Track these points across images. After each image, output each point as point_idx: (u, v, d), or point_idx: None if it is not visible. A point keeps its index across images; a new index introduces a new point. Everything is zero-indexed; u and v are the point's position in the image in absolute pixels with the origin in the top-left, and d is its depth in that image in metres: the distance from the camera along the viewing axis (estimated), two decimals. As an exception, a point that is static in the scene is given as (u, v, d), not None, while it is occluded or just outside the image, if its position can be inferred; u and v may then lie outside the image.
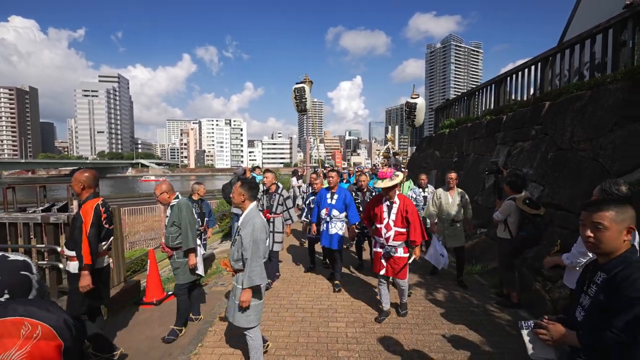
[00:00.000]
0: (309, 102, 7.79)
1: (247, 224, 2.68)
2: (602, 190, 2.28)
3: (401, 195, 3.71)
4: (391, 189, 3.57)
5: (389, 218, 3.63)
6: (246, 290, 2.63)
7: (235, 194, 2.79)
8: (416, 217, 3.60)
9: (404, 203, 3.63)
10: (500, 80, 8.09)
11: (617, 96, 4.23)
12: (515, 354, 3.15)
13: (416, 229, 3.57)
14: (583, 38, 5.40)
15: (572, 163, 4.72)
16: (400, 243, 3.64)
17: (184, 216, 3.48)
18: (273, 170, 5.15)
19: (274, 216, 5.03)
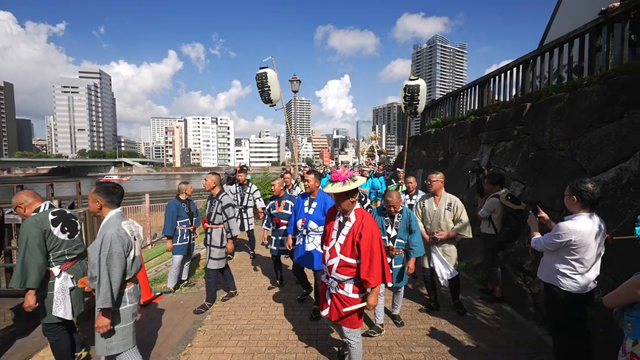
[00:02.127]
0: (275, 91, 6.33)
1: (98, 236, 2.34)
2: (571, 188, 2.40)
3: (361, 211, 2.54)
4: (343, 197, 2.44)
5: (337, 240, 2.53)
6: (100, 314, 2.25)
7: (90, 201, 2.46)
8: (374, 246, 2.40)
9: (362, 223, 2.44)
10: (484, 81, 8.31)
11: (593, 98, 4.42)
12: (497, 346, 3.28)
13: (372, 263, 2.37)
14: (561, 42, 5.61)
15: (551, 162, 4.91)
16: (348, 279, 2.49)
17: (22, 242, 2.66)
18: (218, 173, 4.47)
19: (212, 227, 4.28)
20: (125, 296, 2.45)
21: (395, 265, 3.57)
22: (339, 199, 2.45)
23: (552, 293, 2.51)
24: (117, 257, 2.29)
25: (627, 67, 4.12)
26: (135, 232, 2.57)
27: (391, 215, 3.57)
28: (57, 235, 2.82)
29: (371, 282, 2.37)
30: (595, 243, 2.34)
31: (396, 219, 3.57)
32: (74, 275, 2.91)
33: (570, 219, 2.40)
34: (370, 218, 2.52)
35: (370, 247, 2.39)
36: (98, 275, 2.25)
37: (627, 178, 3.59)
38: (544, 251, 2.59)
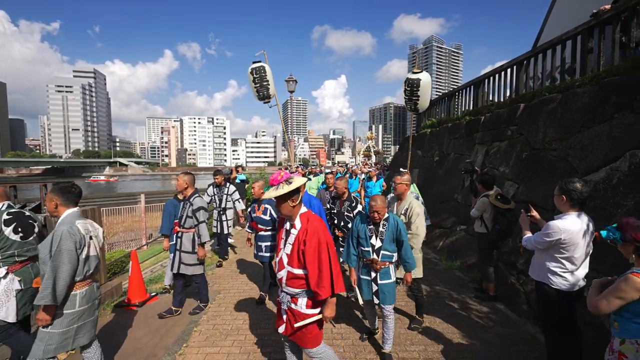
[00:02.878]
0: (272, 87, 6.06)
1: (50, 233, 2.33)
2: (560, 188, 2.45)
3: (307, 215, 2.24)
4: (281, 201, 2.18)
5: (284, 250, 2.28)
6: (40, 309, 2.24)
7: (46, 200, 2.47)
8: (321, 254, 2.12)
9: (306, 229, 2.17)
10: (479, 82, 8.38)
11: (585, 99, 4.49)
12: (491, 344, 3.33)
13: (321, 273, 2.11)
14: (554, 44, 5.68)
15: (544, 162, 4.98)
16: (300, 292, 2.22)
17: None
18: (191, 172, 4.21)
19: (182, 231, 4.00)
20: (76, 298, 2.36)
21: (381, 280, 3.05)
22: (277, 204, 2.23)
23: (543, 291, 2.56)
24: (66, 254, 2.24)
25: (618, 69, 4.19)
26: (93, 232, 2.52)
27: (375, 222, 3.07)
28: (8, 236, 2.75)
29: (321, 294, 2.09)
30: (584, 241, 2.38)
31: (381, 227, 3.06)
32: (22, 278, 2.77)
33: (559, 218, 2.44)
34: (318, 222, 2.21)
35: (316, 255, 2.11)
36: (46, 272, 2.22)
37: (617, 178, 3.65)
38: (535, 250, 2.63)
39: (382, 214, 3.02)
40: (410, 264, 3.12)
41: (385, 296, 3.07)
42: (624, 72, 4.02)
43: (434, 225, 7.29)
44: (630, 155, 3.57)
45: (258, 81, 5.95)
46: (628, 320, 1.75)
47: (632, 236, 1.76)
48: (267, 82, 5.98)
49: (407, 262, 3.11)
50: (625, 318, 1.76)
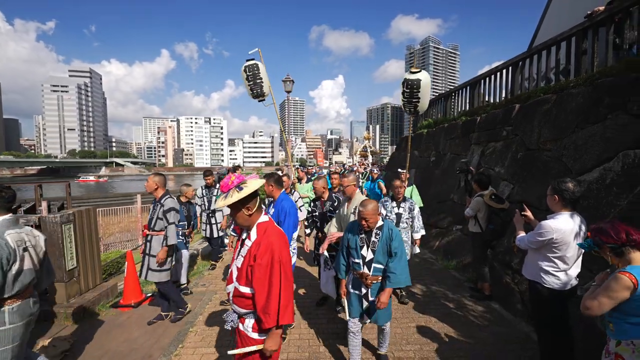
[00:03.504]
0: (266, 84, 5.83)
1: None
2: (552, 188, 2.48)
3: (265, 225, 1.92)
4: (234, 209, 1.88)
5: (235, 262, 1.98)
6: None
7: None
8: (273, 274, 1.78)
9: (259, 243, 1.84)
10: (475, 82, 8.43)
11: (579, 100, 4.53)
12: (486, 343, 3.35)
13: (269, 296, 1.76)
14: (549, 45, 5.73)
15: (539, 162, 5.02)
16: (247, 312, 1.89)
17: None
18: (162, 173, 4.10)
19: (152, 234, 3.83)
20: (4, 315, 2.10)
21: (373, 297, 2.74)
22: (231, 213, 1.92)
23: (535, 290, 2.58)
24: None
25: (612, 70, 4.24)
26: (30, 243, 2.28)
27: (367, 231, 2.72)
28: None
29: (265, 322, 1.76)
30: (576, 241, 2.41)
31: (374, 236, 2.70)
32: None
33: (552, 217, 2.47)
34: (276, 236, 1.86)
35: (267, 274, 1.77)
36: None
37: (610, 178, 3.68)
38: (528, 249, 2.66)
39: (372, 221, 2.64)
40: (396, 278, 2.60)
41: (378, 315, 2.73)
42: (618, 74, 4.06)
43: (430, 225, 7.32)
44: (623, 156, 3.61)
45: (251, 79, 5.78)
46: (621, 320, 1.74)
47: (601, 239, 1.79)
48: (260, 80, 5.78)
49: (393, 273, 2.61)
50: (618, 319, 1.76)
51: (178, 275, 4.90)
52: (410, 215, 4.57)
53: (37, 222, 3.99)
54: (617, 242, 1.74)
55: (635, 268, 1.70)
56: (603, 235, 1.78)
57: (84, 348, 3.35)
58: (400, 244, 2.68)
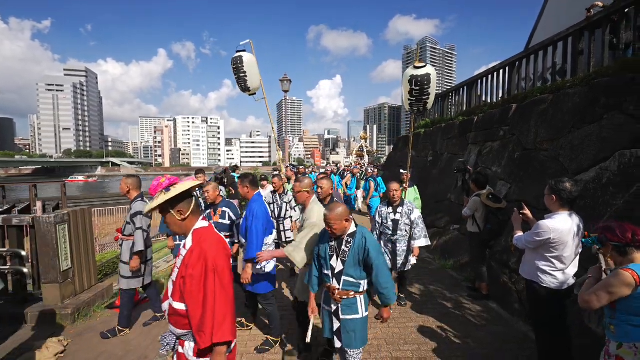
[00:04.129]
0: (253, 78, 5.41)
1: None
2: (550, 188, 2.48)
3: (201, 232, 1.70)
4: (164, 212, 1.70)
5: (171, 276, 1.74)
6: None
7: None
8: (207, 286, 1.56)
9: (192, 250, 1.63)
10: (472, 82, 8.45)
11: (575, 100, 4.55)
12: (484, 343, 3.35)
13: (204, 312, 1.54)
14: (546, 45, 5.75)
15: (536, 162, 5.03)
16: (185, 333, 1.64)
17: None
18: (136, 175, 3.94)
19: (123, 239, 3.70)
20: None
21: (344, 315, 2.33)
22: (165, 215, 1.71)
23: (533, 290, 2.59)
24: None
25: (608, 70, 4.26)
26: None
27: (338, 239, 2.34)
28: None
29: (199, 341, 1.52)
30: (574, 241, 2.41)
31: (344, 245, 2.31)
32: None
33: (549, 217, 2.47)
34: (211, 242, 1.64)
35: (200, 286, 1.54)
36: None
37: (607, 178, 3.70)
38: (526, 249, 2.66)
39: (338, 227, 2.27)
40: (386, 294, 2.28)
41: (350, 337, 2.31)
42: (614, 74, 4.09)
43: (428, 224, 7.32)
44: (619, 155, 3.62)
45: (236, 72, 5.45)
46: (624, 322, 1.73)
47: (606, 236, 1.82)
48: (244, 74, 5.39)
49: (382, 293, 2.29)
50: (621, 321, 1.75)
51: None
52: (409, 220, 4.08)
53: (31, 223, 3.95)
54: (621, 241, 1.76)
55: (638, 266, 1.71)
56: (609, 233, 1.80)
57: (79, 350, 3.31)
58: (378, 254, 2.27)
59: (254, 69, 5.43)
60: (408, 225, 4.11)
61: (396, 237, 4.08)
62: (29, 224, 3.98)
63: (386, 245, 4.16)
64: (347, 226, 2.31)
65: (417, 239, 4.07)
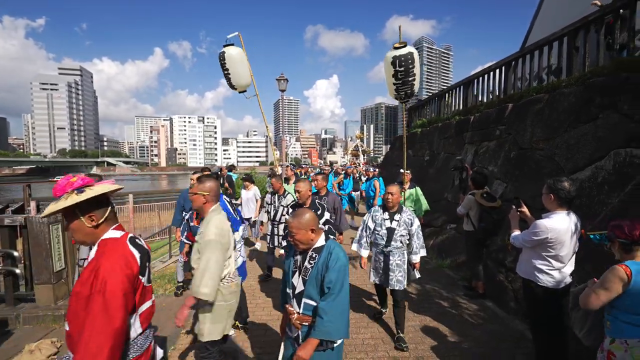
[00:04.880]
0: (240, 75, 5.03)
1: None
2: (548, 187, 2.48)
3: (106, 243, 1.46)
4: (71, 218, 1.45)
5: None
6: None
7: None
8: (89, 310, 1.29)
9: (88, 266, 1.41)
10: (468, 82, 8.48)
11: (571, 99, 4.57)
12: (480, 341, 3.35)
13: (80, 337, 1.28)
14: (541, 45, 5.78)
15: (531, 161, 5.05)
16: None
17: None
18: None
19: None
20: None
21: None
22: (67, 220, 1.47)
23: (530, 289, 2.59)
24: None
25: (603, 70, 4.28)
26: None
27: (302, 252, 1.98)
28: None
29: None
30: (571, 240, 2.42)
31: (308, 261, 1.93)
32: None
33: (547, 216, 2.47)
34: (113, 258, 1.39)
35: (83, 307, 1.31)
36: None
37: (602, 176, 3.72)
38: (523, 248, 2.66)
39: (300, 238, 1.89)
40: (325, 324, 1.78)
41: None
42: (609, 73, 4.11)
43: (424, 224, 7.33)
44: (614, 154, 3.64)
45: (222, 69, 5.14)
46: (617, 319, 1.79)
47: (615, 233, 1.86)
48: (227, 72, 5.07)
49: (321, 318, 1.80)
50: (615, 317, 1.80)
51: None
52: (406, 231, 3.41)
53: (23, 223, 3.89)
54: (628, 238, 1.79)
55: (634, 263, 1.75)
56: (618, 230, 1.84)
57: (72, 351, 3.26)
58: (340, 277, 1.84)
59: (242, 65, 5.06)
60: (405, 237, 3.42)
61: (389, 248, 3.38)
62: (22, 224, 3.92)
63: (376, 258, 3.52)
64: (313, 238, 1.90)
65: (417, 252, 3.49)
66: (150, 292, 1.60)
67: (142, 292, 1.51)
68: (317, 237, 1.94)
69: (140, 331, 1.50)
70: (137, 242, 1.55)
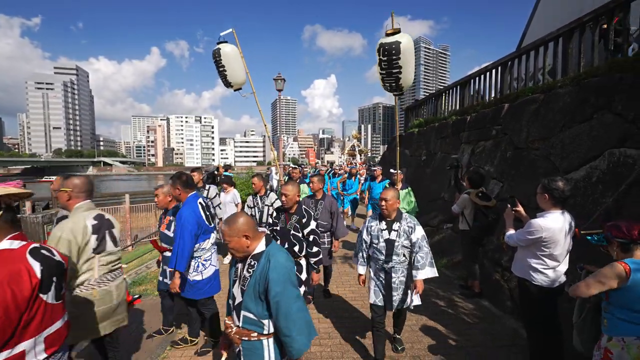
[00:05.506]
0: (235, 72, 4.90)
1: None
2: (543, 186, 2.50)
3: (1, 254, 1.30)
4: None
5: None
6: None
7: None
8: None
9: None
10: (465, 82, 8.51)
11: (566, 100, 4.60)
12: (476, 340, 3.37)
13: None
14: (537, 45, 5.81)
15: (527, 161, 5.08)
16: None
17: None
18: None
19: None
20: None
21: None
22: None
23: (525, 288, 2.61)
24: None
25: (597, 70, 4.31)
26: None
27: (242, 260, 1.82)
28: None
29: None
30: (565, 239, 2.44)
31: (246, 269, 1.77)
32: None
33: (541, 216, 2.49)
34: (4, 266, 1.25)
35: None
36: None
37: (596, 176, 3.75)
38: (517, 247, 2.68)
39: (234, 245, 1.73)
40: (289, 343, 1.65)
41: None
42: (603, 74, 4.14)
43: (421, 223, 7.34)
44: (608, 154, 3.68)
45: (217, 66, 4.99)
46: (614, 316, 1.81)
47: (612, 233, 1.88)
48: (222, 68, 4.90)
49: (287, 336, 1.65)
50: (612, 315, 1.82)
51: None
52: (408, 241, 2.87)
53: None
54: (627, 238, 1.81)
55: (633, 261, 1.77)
56: (615, 230, 1.86)
57: (67, 352, 3.24)
58: (285, 286, 1.66)
59: (236, 62, 4.93)
60: (407, 248, 2.88)
61: (391, 264, 2.83)
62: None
63: (377, 275, 2.95)
64: (249, 244, 1.73)
65: (420, 267, 2.84)
66: (60, 312, 1.40)
67: (44, 311, 1.29)
68: (254, 243, 1.75)
69: (44, 356, 1.33)
70: (42, 253, 1.34)
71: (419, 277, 2.86)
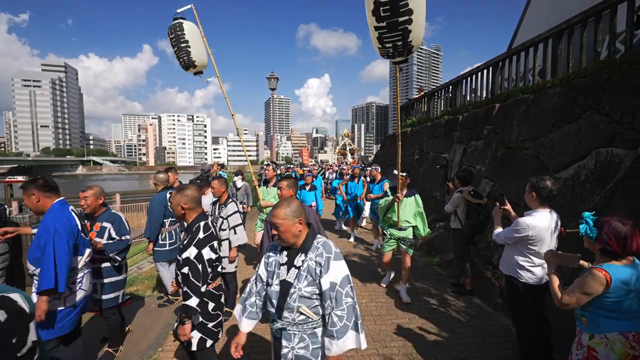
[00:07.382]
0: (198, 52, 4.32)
1: None
2: (531, 185, 2.54)
3: None
4: None
5: None
6: None
7: None
8: None
9: None
10: (457, 82, 8.59)
11: (555, 100, 4.68)
12: (468, 337, 3.41)
13: None
14: (527, 46, 5.90)
15: (518, 160, 5.15)
16: None
17: None
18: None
19: None
20: None
21: None
22: None
23: (512, 285, 2.65)
24: None
25: (586, 71, 4.39)
26: None
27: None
28: None
29: None
30: (551, 237, 2.48)
31: None
32: None
33: (528, 214, 2.53)
34: None
35: None
36: None
37: (584, 175, 3.82)
38: (505, 245, 2.72)
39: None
40: None
41: None
42: (591, 75, 4.22)
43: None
44: (596, 154, 3.75)
45: (175, 43, 4.26)
46: (596, 315, 1.77)
47: (607, 240, 1.73)
48: (185, 44, 4.22)
49: None
50: (594, 313, 1.78)
51: None
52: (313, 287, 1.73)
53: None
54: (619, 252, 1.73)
55: (611, 267, 1.74)
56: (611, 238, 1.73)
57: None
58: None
59: (197, 41, 4.31)
60: (311, 300, 1.74)
61: (279, 323, 1.79)
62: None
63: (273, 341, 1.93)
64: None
65: (335, 335, 1.68)
66: None
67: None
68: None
69: None
70: None
71: (332, 352, 1.69)
